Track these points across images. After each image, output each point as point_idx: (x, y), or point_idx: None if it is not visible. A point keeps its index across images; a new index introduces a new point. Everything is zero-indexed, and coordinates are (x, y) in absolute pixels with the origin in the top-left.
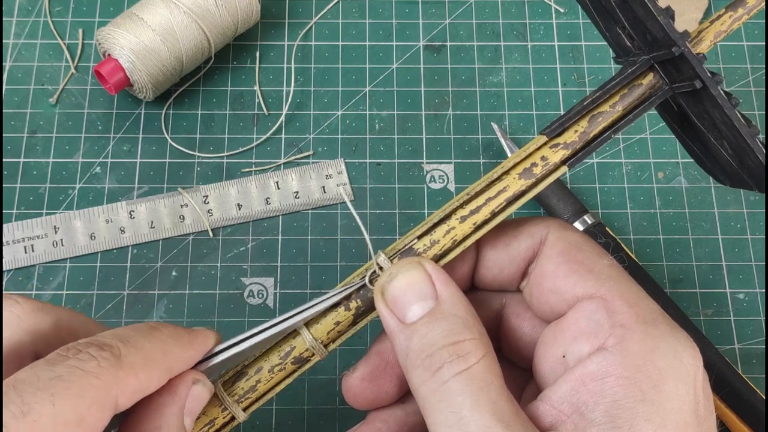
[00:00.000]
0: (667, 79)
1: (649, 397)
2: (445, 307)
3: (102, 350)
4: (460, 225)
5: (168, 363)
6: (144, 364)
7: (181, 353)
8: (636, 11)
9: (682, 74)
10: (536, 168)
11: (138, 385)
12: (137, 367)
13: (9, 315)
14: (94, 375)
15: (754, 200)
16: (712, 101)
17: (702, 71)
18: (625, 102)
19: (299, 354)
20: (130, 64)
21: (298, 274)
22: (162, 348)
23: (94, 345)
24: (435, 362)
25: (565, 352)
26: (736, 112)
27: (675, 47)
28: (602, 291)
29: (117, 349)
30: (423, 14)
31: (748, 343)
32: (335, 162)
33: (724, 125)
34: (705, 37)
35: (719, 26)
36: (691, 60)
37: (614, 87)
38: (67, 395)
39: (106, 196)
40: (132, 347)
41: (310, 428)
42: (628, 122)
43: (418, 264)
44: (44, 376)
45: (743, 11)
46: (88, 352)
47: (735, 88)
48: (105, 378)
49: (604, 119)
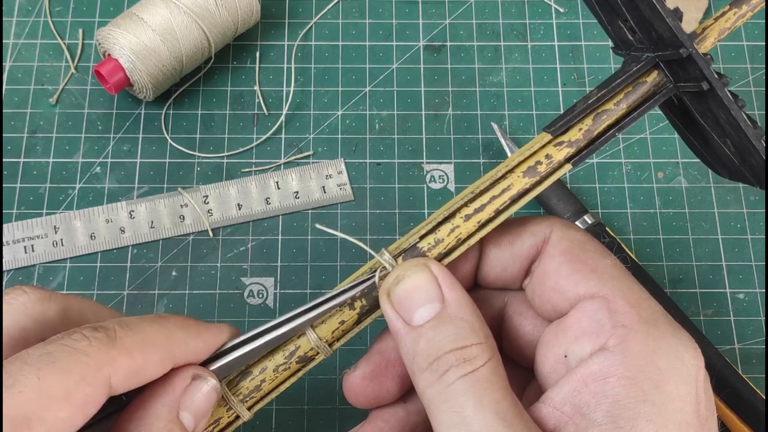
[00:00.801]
0: (671, 77)
1: (650, 397)
2: (452, 310)
3: (96, 331)
4: (465, 223)
5: (170, 348)
6: (141, 346)
7: (185, 340)
8: (643, 10)
9: (688, 74)
10: (540, 166)
11: (133, 366)
12: (132, 348)
13: (16, 304)
14: (84, 353)
15: (754, 200)
16: (717, 102)
17: (710, 73)
18: (630, 100)
19: (304, 353)
20: (130, 64)
21: (298, 274)
22: (165, 333)
23: (90, 327)
24: (442, 366)
25: (566, 351)
26: (743, 114)
27: (683, 48)
28: (604, 291)
29: (113, 331)
30: (423, 14)
31: (748, 343)
32: (335, 162)
33: (729, 125)
34: (709, 34)
35: (723, 23)
36: (699, 62)
37: (619, 85)
38: (52, 369)
39: (106, 196)
40: (130, 330)
41: (310, 428)
42: (632, 120)
43: (424, 266)
44: (34, 353)
45: (747, 8)
46: (82, 332)
47: (735, 88)
48: (95, 356)
49: (609, 117)
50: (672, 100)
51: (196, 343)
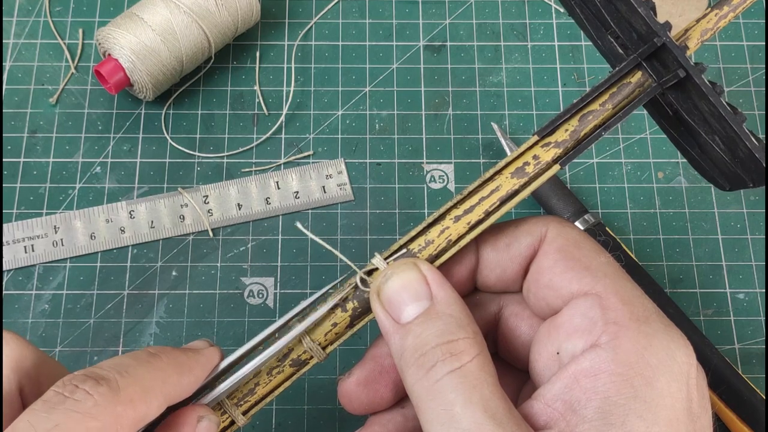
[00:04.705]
0: (655, 76)
1: (641, 394)
2: (440, 307)
3: (99, 385)
4: (454, 225)
5: (167, 391)
6: (142, 395)
7: (180, 380)
8: (620, 9)
9: (667, 68)
10: (528, 167)
11: (136, 416)
12: (136, 399)
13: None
14: (91, 416)
15: (754, 200)
16: (698, 92)
17: (684, 60)
18: (615, 100)
19: (297, 356)
20: (130, 64)
21: (298, 274)
22: (161, 377)
23: (91, 379)
24: (428, 361)
25: (559, 348)
26: (721, 100)
27: (657, 38)
28: (598, 288)
29: (114, 382)
30: (423, 14)
31: (748, 343)
32: (335, 162)
33: (712, 117)
34: (692, 35)
35: (705, 24)
36: (673, 49)
37: (603, 86)
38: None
39: (106, 196)
40: (130, 377)
41: (310, 428)
42: (618, 120)
43: (413, 265)
44: (42, 427)
45: (728, 9)
46: (85, 389)
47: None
48: (103, 418)
49: (595, 117)
50: (665, 110)
51: (188, 380)
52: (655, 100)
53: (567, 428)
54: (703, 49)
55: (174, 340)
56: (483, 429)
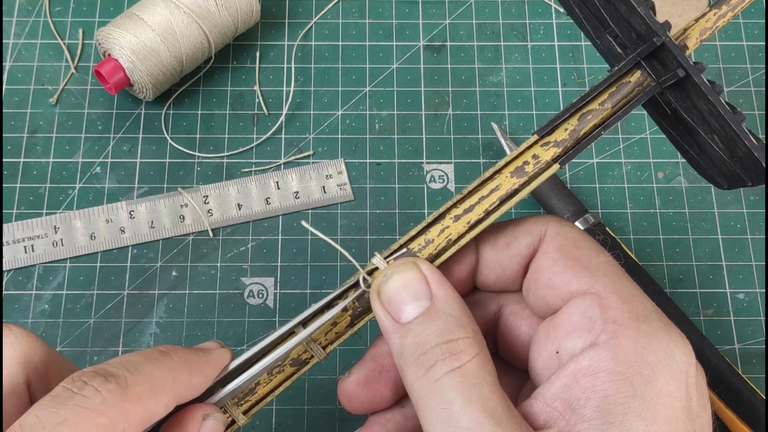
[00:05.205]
0: (654, 75)
1: (640, 392)
2: (440, 306)
3: (108, 382)
4: (454, 224)
5: (176, 390)
6: (151, 393)
7: (190, 380)
8: (619, 9)
9: (666, 68)
10: (528, 166)
11: (145, 414)
12: (144, 397)
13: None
14: (99, 413)
15: (754, 200)
16: (697, 91)
17: (684, 59)
18: (614, 99)
19: (297, 356)
20: (130, 64)
21: (298, 274)
22: (171, 376)
23: (100, 375)
24: (428, 360)
25: (558, 347)
26: (720, 99)
27: (656, 37)
28: (597, 287)
29: (123, 379)
30: (423, 14)
31: (748, 343)
32: (335, 162)
33: (711, 116)
34: (691, 34)
35: (704, 23)
36: (672, 49)
37: (602, 85)
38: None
39: (106, 196)
40: (139, 375)
41: (310, 428)
42: (617, 119)
43: (413, 264)
44: (49, 422)
45: (727, 8)
46: (93, 385)
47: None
48: (111, 414)
49: (594, 117)
50: (665, 110)
51: (198, 380)
52: (654, 99)
53: (566, 427)
54: (703, 49)
55: (174, 340)
56: (482, 428)
